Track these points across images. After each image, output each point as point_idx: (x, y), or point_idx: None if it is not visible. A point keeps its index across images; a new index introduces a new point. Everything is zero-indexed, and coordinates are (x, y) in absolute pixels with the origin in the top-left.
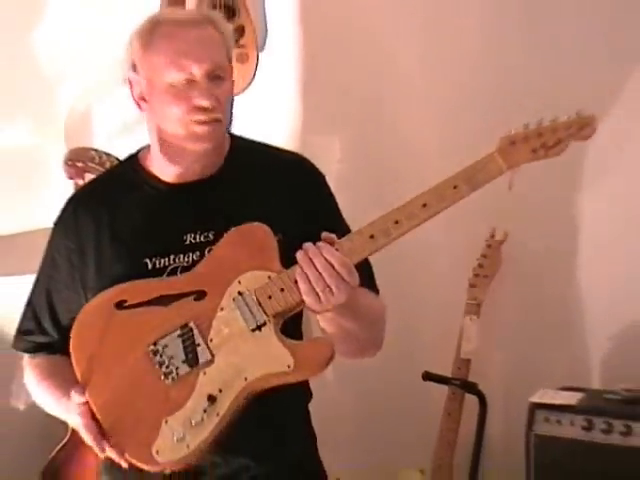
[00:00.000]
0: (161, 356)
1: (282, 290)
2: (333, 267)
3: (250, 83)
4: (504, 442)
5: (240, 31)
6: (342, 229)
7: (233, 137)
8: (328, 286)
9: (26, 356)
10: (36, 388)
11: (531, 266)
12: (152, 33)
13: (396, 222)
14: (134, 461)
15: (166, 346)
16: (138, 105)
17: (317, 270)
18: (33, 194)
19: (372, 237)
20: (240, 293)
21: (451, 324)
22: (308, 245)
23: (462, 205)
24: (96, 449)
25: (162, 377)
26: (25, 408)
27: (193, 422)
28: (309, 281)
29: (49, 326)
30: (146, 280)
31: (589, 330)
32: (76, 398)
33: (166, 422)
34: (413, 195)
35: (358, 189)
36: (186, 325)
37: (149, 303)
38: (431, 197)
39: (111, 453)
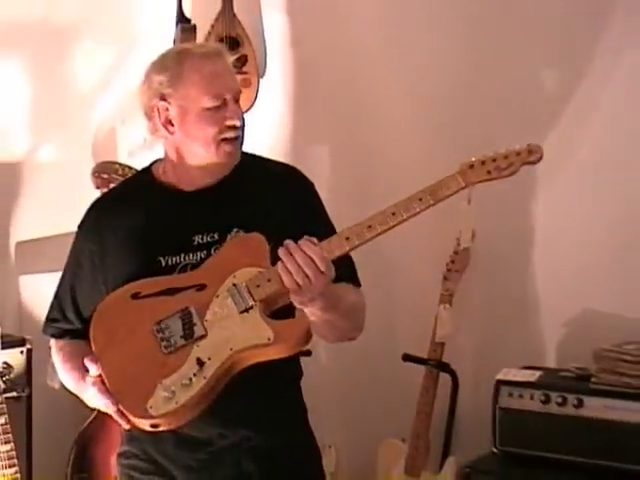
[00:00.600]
0: (163, 333)
1: (269, 280)
2: (312, 260)
3: (252, 105)
4: (473, 414)
5: (243, 60)
6: (329, 231)
7: None
8: (307, 276)
9: (53, 340)
10: (60, 369)
11: (496, 261)
12: (181, 65)
13: (369, 227)
14: (131, 416)
15: (168, 325)
16: (165, 128)
17: (297, 263)
18: (65, 202)
19: (347, 239)
20: (234, 284)
21: (427, 312)
22: (288, 242)
23: (438, 210)
24: (107, 408)
25: (162, 348)
26: (60, 387)
27: (183, 382)
28: (290, 273)
29: (72, 316)
30: (157, 277)
31: (546, 317)
32: (89, 364)
33: (161, 383)
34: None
35: (345, 196)
36: (186, 308)
37: (159, 294)
38: (399, 207)
39: (115, 413)
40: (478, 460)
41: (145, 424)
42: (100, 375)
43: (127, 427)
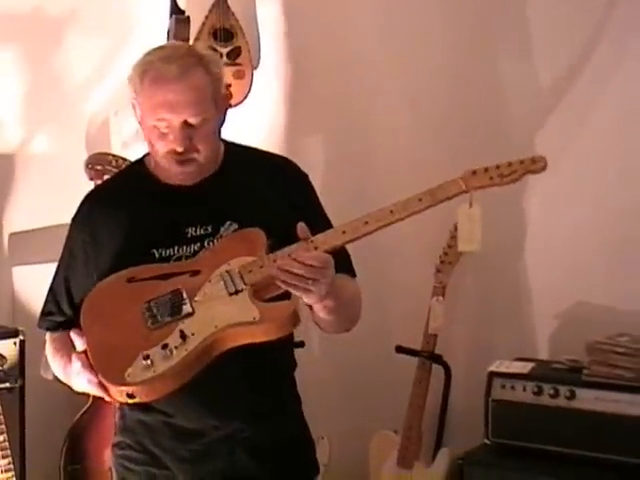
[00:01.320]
0: (151, 310)
1: (261, 267)
2: (311, 266)
3: (246, 96)
4: (466, 406)
5: (237, 52)
6: (323, 221)
7: (227, 144)
8: (312, 279)
9: (47, 333)
10: (52, 361)
11: (488, 254)
12: (142, 80)
13: (366, 222)
14: (108, 384)
15: (157, 304)
16: (139, 123)
17: (296, 275)
18: (58, 193)
19: (344, 232)
20: (227, 271)
21: (420, 304)
22: (280, 263)
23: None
24: (89, 382)
25: (148, 324)
26: (53, 379)
27: (164, 353)
28: (296, 285)
29: (67, 308)
30: (154, 264)
31: (538, 309)
32: (75, 339)
33: (142, 354)
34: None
35: (339, 187)
36: (177, 289)
37: (153, 278)
38: (398, 206)
39: (98, 387)
40: (471, 452)
41: (122, 393)
42: (85, 351)
43: (108, 399)
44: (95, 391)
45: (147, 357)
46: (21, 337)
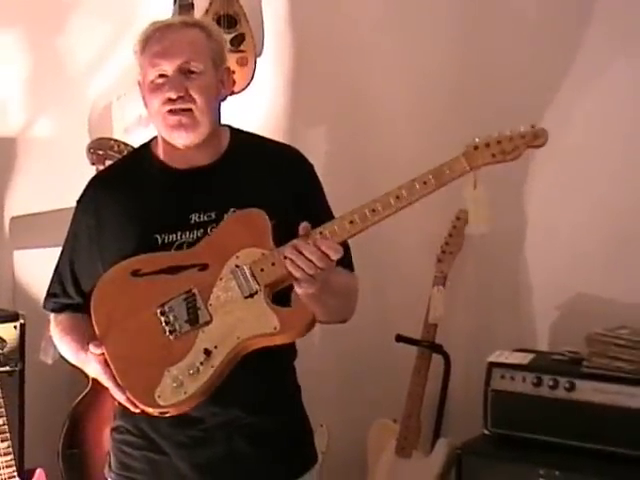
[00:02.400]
0: (167, 316)
1: (273, 264)
2: (327, 255)
3: (249, 83)
4: (465, 396)
5: (240, 38)
6: (326, 212)
7: (232, 130)
8: (318, 267)
9: (52, 315)
10: (59, 342)
11: (490, 244)
12: (147, 39)
13: (373, 210)
14: (139, 404)
15: (172, 308)
16: (143, 98)
17: (307, 258)
18: (61, 178)
19: (352, 222)
20: (237, 266)
21: (421, 293)
22: (296, 241)
23: (435, 192)
24: (115, 394)
25: (167, 333)
26: (53, 363)
27: (191, 372)
28: (300, 268)
29: (72, 290)
30: (157, 253)
31: (539, 300)
32: (93, 349)
33: (168, 371)
34: (392, 183)
35: (342, 176)
36: (190, 291)
37: (160, 272)
38: (403, 191)
39: (124, 400)
40: (469, 442)
41: (154, 412)
42: (103, 354)
43: (136, 411)
44: (120, 400)
45: (175, 378)
46: (21, 321)
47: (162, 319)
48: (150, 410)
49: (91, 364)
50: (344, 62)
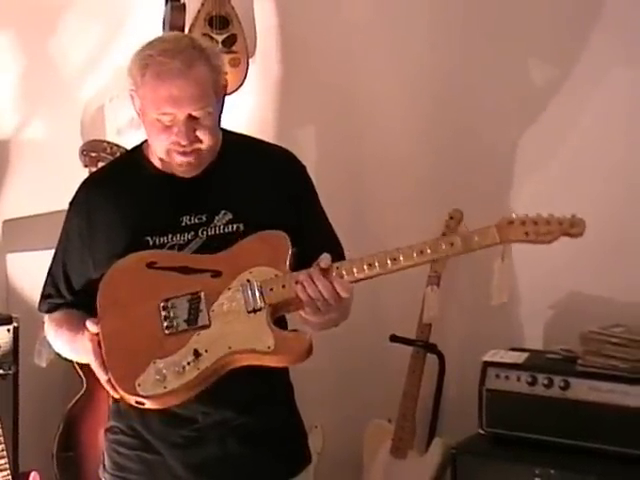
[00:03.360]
0: (168, 312)
1: (283, 286)
2: (333, 288)
3: (241, 84)
4: (460, 395)
5: (233, 39)
6: (320, 214)
7: (224, 132)
8: (327, 302)
9: (46, 316)
10: (54, 336)
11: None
12: (142, 74)
13: (394, 259)
14: (119, 388)
15: (175, 306)
16: (138, 115)
17: (319, 290)
18: (54, 180)
19: (370, 265)
20: (248, 280)
21: (415, 293)
22: (313, 270)
23: (427, 192)
24: (98, 373)
25: (163, 328)
26: (47, 366)
27: (176, 369)
28: (310, 296)
29: (65, 291)
30: (176, 252)
31: (533, 299)
32: (90, 326)
33: (154, 363)
34: (382, 183)
35: (333, 177)
36: (196, 293)
37: (173, 269)
38: (428, 246)
39: (105, 382)
40: (464, 441)
41: (131, 399)
42: (98, 334)
43: (116, 396)
44: (102, 382)
45: (159, 371)
46: (15, 324)
47: (163, 313)
48: (127, 397)
49: (84, 345)
50: (335, 63)
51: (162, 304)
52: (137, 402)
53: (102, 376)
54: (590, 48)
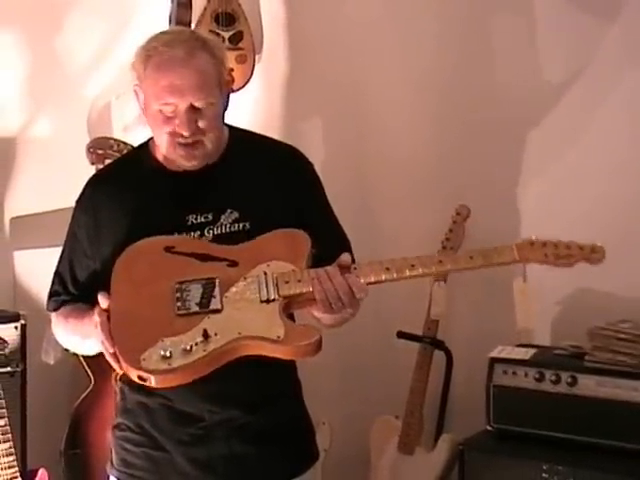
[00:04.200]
0: (182, 294)
1: (299, 281)
2: (350, 288)
3: (248, 80)
4: (467, 392)
5: (239, 36)
6: (327, 211)
7: (231, 129)
8: (341, 300)
9: (53, 313)
10: (61, 329)
11: (491, 238)
12: (144, 66)
13: (412, 266)
14: (123, 361)
15: (189, 289)
16: (142, 110)
17: (334, 288)
18: (61, 177)
19: (387, 270)
20: (265, 273)
21: (422, 289)
22: (330, 268)
23: (434, 187)
24: (103, 346)
25: (175, 308)
26: (55, 363)
27: (183, 347)
28: (325, 293)
29: (72, 289)
30: (195, 239)
31: (541, 295)
32: (101, 299)
33: (162, 341)
34: (389, 181)
35: (339, 173)
36: (212, 278)
37: (191, 255)
38: (448, 258)
39: (110, 355)
40: (472, 437)
41: (133, 373)
42: (107, 310)
43: (119, 370)
44: (107, 356)
45: (166, 348)
46: (22, 321)
47: (176, 295)
48: (130, 370)
49: (93, 320)
50: (342, 59)
51: (177, 286)
52: (139, 377)
53: (108, 348)
54: (599, 48)
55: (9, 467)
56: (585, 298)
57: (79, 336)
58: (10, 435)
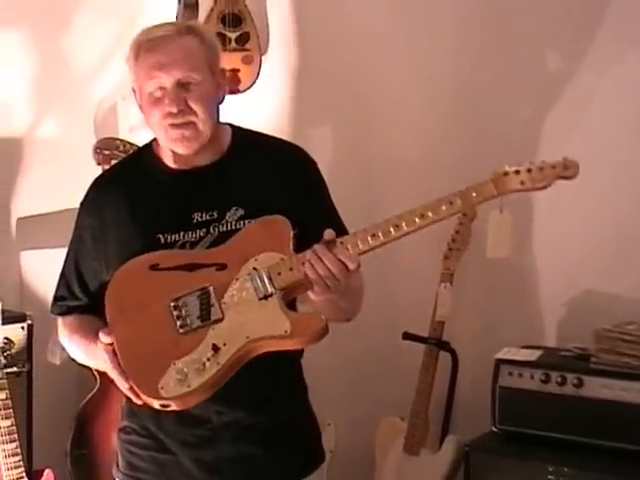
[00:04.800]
0: (180, 311)
1: (291, 269)
2: (341, 262)
3: (254, 82)
4: (473, 393)
5: (246, 37)
6: (331, 210)
7: (234, 128)
8: (335, 277)
9: (60, 318)
10: (68, 342)
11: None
12: (138, 49)
13: (396, 226)
14: (142, 394)
15: (185, 304)
16: (140, 108)
17: (326, 267)
18: (67, 178)
19: (374, 236)
20: (255, 268)
21: (428, 290)
22: (317, 246)
23: (442, 188)
24: (119, 382)
25: (177, 327)
26: (61, 364)
27: (197, 366)
28: (318, 274)
29: (79, 292)
30: (177, 251)
31: (546, 297)
32: (103, 337)
33: (174, 364)
34: (396, 182)
35: (346, 175)
36: (205, 288)
37: (178, 268)
38: (428, 209)
39: (127, 389)
40: (478, 439)
41: (155, 403)
42: (112, 344)
43: (139, 403)
44: (124, 391)
45: (180, 371)
46: (29, 322)
47: (174, 313)
48: (152, 401)
49: (99, 354)
50: (349, 61)
51: (172, 304)
52: (161, 405)
53: (123, 384)
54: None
55: (15, 467)
56: (591, 300)
57: (87, 357)
58: (16, 435)
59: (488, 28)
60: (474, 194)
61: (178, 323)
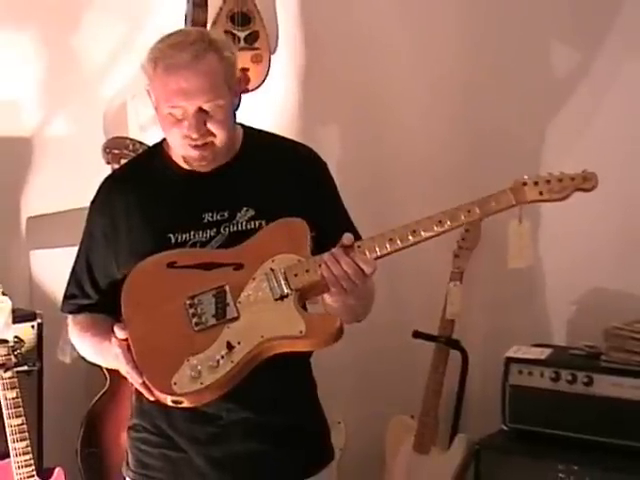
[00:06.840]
0: (195, 309)
1: (307, 271)
2: (357, 266)
3: (264, 80)
4: (483, 391)
5: (255, 36)
6: (340, 211)
7: (245, 128)
8: (352, 280)
9: (70, 317)
10: (78, 341)
11: (506, 239)
12: (156, 64)
13: (414, 232)
14: (155, 389)
15: (201, 302)
16: (155, 110)
17: (343, 269)
18: (76, 178)
19: (391, 240)
20: (272, 269)
21: (438, 289)
22: (335, 249)
23: (451, 188)
24: (131, 377)
25: (192, 325)
26: (71, 362)
27: (211, 363)
28: (335, 276)
29: (90, 290)
30: (195, 249)
31: (556, 295)
32: (118, 332)
33: (188, 361)
34: (404, 181)
35: (355, 175)
36: (221, 287)
37: (195, 266)
38: (446, 216)
39: (140, 385)
40: (487, 437)
41: (168, 399)
42: (127, 339)
43: (151, 399)
44: (137, 386)
45: (194, 368)
46: (39, 320)
47: (190, 310)
48: (165, 397)
49: (112, 350)
50: (358, 59)
51: (188, 302)
52: (174, 401)
53: (136, 379)
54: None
55: (26, 465)
56: (601, 298)
57: (97, 356)
58: (27, 434)
59: (497, 29)
60: (493, 203)
61: (193, 321)
